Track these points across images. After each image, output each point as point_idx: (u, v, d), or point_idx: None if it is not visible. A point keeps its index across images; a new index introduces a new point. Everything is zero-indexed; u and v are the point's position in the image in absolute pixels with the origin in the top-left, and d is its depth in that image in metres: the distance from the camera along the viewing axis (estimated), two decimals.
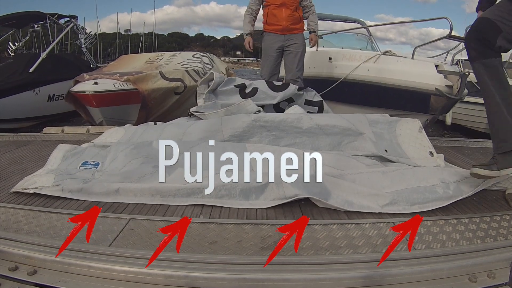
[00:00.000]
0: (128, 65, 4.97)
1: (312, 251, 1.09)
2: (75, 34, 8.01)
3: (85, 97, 3.61)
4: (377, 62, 3.51)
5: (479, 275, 1.02)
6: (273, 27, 3.24)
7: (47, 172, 1.65)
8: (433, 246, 1.13)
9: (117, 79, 3.78)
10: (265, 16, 3.28)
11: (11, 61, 5.82)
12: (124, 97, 3.78)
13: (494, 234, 1.22)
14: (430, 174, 1.52)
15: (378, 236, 1.18)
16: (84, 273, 0.99)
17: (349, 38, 5.67)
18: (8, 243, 1.08)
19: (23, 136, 2.68)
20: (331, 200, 1.37)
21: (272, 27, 3.25)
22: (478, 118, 6.21)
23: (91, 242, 1.07)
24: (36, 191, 1.47)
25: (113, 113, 3.75)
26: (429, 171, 1.54)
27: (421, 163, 1.83)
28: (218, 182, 1.36)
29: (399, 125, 2.10)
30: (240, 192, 1.41)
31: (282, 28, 3.22)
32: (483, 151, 2.57)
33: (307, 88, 2.84)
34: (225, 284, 0.96)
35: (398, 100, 3.31)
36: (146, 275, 0.97)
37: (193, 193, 1.42)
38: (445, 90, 3.06)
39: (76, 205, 1.39)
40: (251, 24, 3.38)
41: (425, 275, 1.01)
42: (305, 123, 2.00)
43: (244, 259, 1.03)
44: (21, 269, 1.01)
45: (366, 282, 0.98)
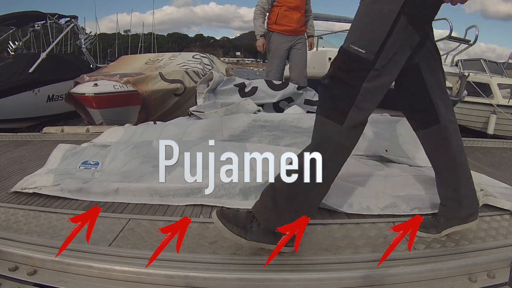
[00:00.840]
0: (128, 66, 4.98)
1: (312, 251, 1.09)
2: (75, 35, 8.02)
3: (85, 98, 3.63)
4: None
5: (479, 275, 1.02)
6: (282, 27, 3.21)
7: (47, 172, 1.65)
8: (433, 246, 1.13)
9: (117, 81, 3.79)
10: (274, 15, 3.23)
11: (11, 61, 5.82)
12: (124, 98, 3.80)
13: (494, 234, 1.21)
14: (431, 184, 1.49)
15: (378, 236, 1.18)
16: (84, 273, 0.99)
17: None
18: (8, 243, 1.08)
19: (23, 136, 2.68)
20: (331, 200, 1.37)
21: (282, 28, 3.22)
22: (476, 117, 6.23)
23: (91, 242, 1.07)
24: (35, 191, 1.46)
25: (113, 115, 3.76)
26: (431, 180, 1.52)
27: (422, 163, 1.83)
28: (217, 182, 1.36)
29: (399, 125, 2.10)
30: (239, 192, 1.40)
31: (292, 30, 3.21)
32: (483, 150, 2.57)
33: (306, 87, 2.85)
34: (225, 284, 0.96)
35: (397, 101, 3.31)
36: (146, 275, 0.97)
37: (193, 193, 1.42)
38: None
39: (76, 205, 1.39)
40: (264, 25, 3.32)
41: (424, 275, 1.01)
42: (305, 123, 2.00)
43: (244, 259, 1.03)
44: (21, 269, 1.01)
45: (366, 282, 0.97)
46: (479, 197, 1.41)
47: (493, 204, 1.41)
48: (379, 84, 0.96)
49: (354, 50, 0.94)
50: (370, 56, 0.93)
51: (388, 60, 0.94)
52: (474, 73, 6.33)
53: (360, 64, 0.94)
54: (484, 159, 2.30)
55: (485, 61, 6.90)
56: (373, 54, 0.92)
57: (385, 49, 0.93)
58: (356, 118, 0.97)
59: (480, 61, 6.92)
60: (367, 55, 0.93)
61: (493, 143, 2.82)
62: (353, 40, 0.95)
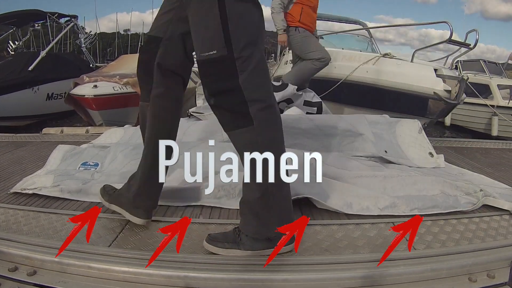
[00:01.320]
0: (128, 66, 4.97)
1: (312, 251, 1.09)
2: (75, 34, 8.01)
3: (85, 100, 3.63)
4: (376, 64, 3.52)
5: (479, 275, 1.02)
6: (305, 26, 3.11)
7: (46, 172, 1.65)
8: (433, 245, 1.13)
9: (117, 82, 3.79)
10: (298, 13, 3.10)
11: (10, 59, 5.82)
12: (124, 100, 3.80)
13: (494, 234, 1.22)
14: (431, 184, 1.49)
15: (378, 236, 1.18)
16: (84, 274, 0.99)
17: (349, 39, 5.68)
18: (8, 243, 1.08)
19: (23, 136, 2.68)
20: (330, 201, 1.37)
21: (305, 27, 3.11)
22: (476, 118, 6.24)
23: (90, 242, 1.07)
24: (35, 191, 1.46)
25: (112, 116, 3.76)
26: (430, 181, 1.52)
27: (421, 164, 1.83)
28: (218, 183, 1.36)
29: (398, 125, 2.10)
30: (239, 193, 1.40)
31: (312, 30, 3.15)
32: (483, 151, 2.58)
33: (306, 88, 2.84)
34: (225, 284, 0.96)
35: (396, 103, 3.31)
36: (146, 276, 0.97)
37: (193, 193, 1.41)
38: (443, 95, 3.06)
39: (76, 205, 1.39)
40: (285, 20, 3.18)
41: (425, 275, 1.01)
42: (304, 124, 2.00)
43: (244, 259, 1.03)
44: (21, 270, 1.01)
45: (366, 282, 0.97)
46: (478, 197, 1.41)
47: (493, 204, 1.41)
48: (253, 65, 0.94)
49: (206, 57, 0.92)
50: (223, 51, 0.91)
51: (241, 40, 0.92)
52: (474, 74, 6.34)
53: (222, 65, 0.92)
54: (483, 160, 2.30)
55: (484, 62, 6.91)
56: (224, 48, 0.91)
57: (231, 35, 0.91)
58: (259, 107, 0.95)
59: (479, 62, 6.93)
60: (220, 52, 0.91)
61: (492, 144, 2.82)
62: (200, 49, 0.94)
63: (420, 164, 1.83)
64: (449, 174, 1.75)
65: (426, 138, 2.01)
